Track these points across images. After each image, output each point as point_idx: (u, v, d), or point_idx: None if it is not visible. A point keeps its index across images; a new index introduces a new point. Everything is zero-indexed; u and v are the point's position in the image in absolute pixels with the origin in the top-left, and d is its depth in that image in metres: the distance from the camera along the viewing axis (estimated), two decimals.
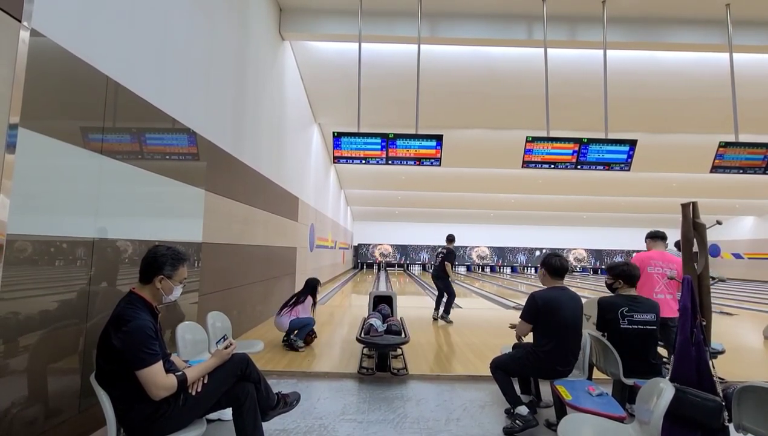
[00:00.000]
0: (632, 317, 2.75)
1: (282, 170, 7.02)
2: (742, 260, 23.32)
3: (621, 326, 2.75)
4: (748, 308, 10.00)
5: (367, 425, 2.80)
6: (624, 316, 2.75)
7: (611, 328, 2.81)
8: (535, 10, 5.94)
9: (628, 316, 2.75)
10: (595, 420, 2.05)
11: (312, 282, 4.94)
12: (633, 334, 2.73)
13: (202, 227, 3.89)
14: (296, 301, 4.69)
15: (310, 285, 4.90)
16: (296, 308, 4.62)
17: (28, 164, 1.94)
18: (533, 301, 2.74)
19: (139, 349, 1.75)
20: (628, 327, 2.74)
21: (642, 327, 2.74)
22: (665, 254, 3.67)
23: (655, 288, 3.51)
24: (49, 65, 2.09)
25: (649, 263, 3.57)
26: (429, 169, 13.06)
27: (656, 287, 3.51)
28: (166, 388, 1.79)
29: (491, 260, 27.61)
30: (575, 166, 5.62)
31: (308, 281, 4.97)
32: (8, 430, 1.86)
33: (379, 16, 6.20)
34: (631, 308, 2.77)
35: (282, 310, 4.67)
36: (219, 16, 4.24)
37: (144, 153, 2.92)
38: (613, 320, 2.77)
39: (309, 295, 4.80)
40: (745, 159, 5.59)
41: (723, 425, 1.96)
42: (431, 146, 5.49)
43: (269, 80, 6.17)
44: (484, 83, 7.97)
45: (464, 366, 4.14)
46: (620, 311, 2.77)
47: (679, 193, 15.10)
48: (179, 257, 2.04)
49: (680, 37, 6.29)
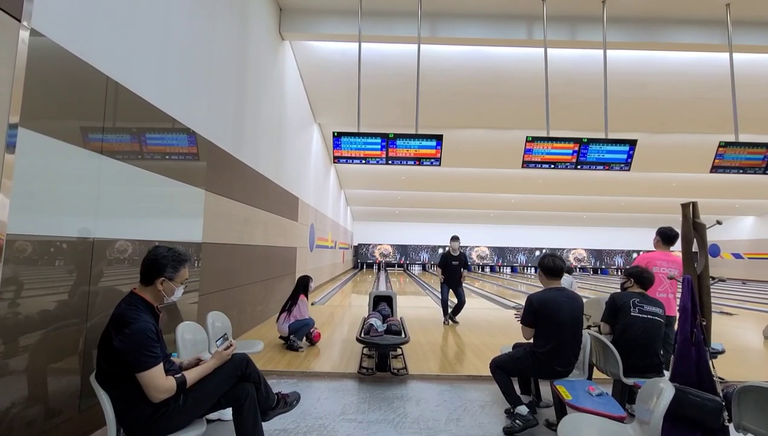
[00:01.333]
0: (642, 307, 2.88)
1: (282, 170, 7.02)
2: (742, 259, 23.32)
3: (631, 313, 2.86)
4: (748, 308, 10.00)
5: (367, 425, 2.80)
6: (635, 305, 2.89)
7: (622, 316, 2.89)
8: (535, 10, 5.94)
9: (639, 305, 2.88)
10: (595, 420, 2.05)
11: (303, 280, 4.93)
12: (642, 323, 2.82)
13: (202, 226, 3.89)
14: (290, 305, 4.69)
15: (301, 283, 4.89)
16: (293, 313, 4.62)
17: (28, 164, 1.93)
18: (529, 303, 2.77)
19: (140, 351, 1.74)
20: (638, 315, 2.85)
21: (651, 317, 2.84)
22: (669, 254, 3.68)
23: (659, 288, 3.53)
24: (49, 65, 2.09)
25: (654, 263, 3.59)
26: (429, 169, 13.10)
27: (659, 287, 3.52)
28: (165, 391, 1.79)
29: (491, 260, 27.61)
30: (575, 166, 5.62)
31: (299, 279, 4.96)
32: (8, 430, 1.86)
33: (379, 16, 6.20)
34: (641, 301, 2.92)
35: (280, 316, 4.68)
36: (219, 16, 4.24)
37: (144, 153, 2.92)
38: (625, 307, 2.89)
39: (302, 294, 4.80)
40: (745, 159, 5.59)
41: (723, 425, 1.96)
42: (431, 146, 5.49)
43: (269, 80, 6.16)
44: (484, 83, 7.97)
45: (464, 366, 4.14)
46: (632, 300, 2.91)
47: (679, 193, 15.12)
48: (181, 259, 2.04)
49: (680, 37, 6.29)
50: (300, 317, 4.63)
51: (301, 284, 4.89)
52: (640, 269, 3.11)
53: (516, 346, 3.14)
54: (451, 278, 6.45)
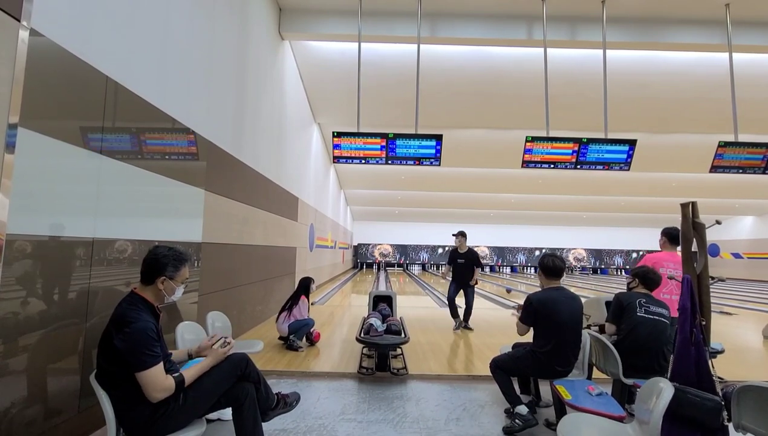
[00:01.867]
0: (649, 307, 2.86)
1: (282, 170, 7.02)
2: (742, 259, 23.33)
3: (637, 314, 2.84)
4: (748, 307, 10.01)
5: (367, 424, 2.80)
6: (641, 305, 2.87)
7: (628, 316, 2.88)
8: (535, 10, 5.95)
9: (645, 306, 2.87)
10: (595, 420, 2.05)
11: (305, 282, 4.93)
12: (648, 324, 2.80)
13: (202, 226, 3.89)
14: (291, 305, 4.69)
15: (303, 285, 4.90)
16: (293, 312, 4.62)
17: (27, 164, 1.93)
18: (529, 303, 2.77)
19: (140, 351, 1.75)
20: (645, 316, 2.83)
21: (657, 318, 2.83)
22: (675, 255, 3.68)
23: (663, 289, 3.53)
24: (49, 65, 2.09)
25: (662, 264, 3.60)
26: (429, 169, 13.09)
27: (664, 288, 3.53)
28: (164, 390, 1.79)
29: (491, 260, 27.61)
30: (575, 166, 5.62)
31: (301, 280, 4.96)
32: (8, 430, 1.86)
33: (378, 16, 6.20)
34: (648, 301, 2.90)
35: (280, 316, 4.68)
36: (219, 16, 4.24)
37: (144, 153, 2.92)
38: (630, 308, 2.88)
39: (303, 295, 4.80)
40: (745, 159, 5.60)
41: (722, 425, 1.96)
42: (431, 146, 5.49)
43: (269, 80, 6.16)
44: (484, 83, 7.97)
45: (464, 366, 4.14)
46: (638, 300, 2.89)
47: (679, 193, 15.11)
48: (181, 258, 2.04)
49: (680, 37, 6.30)
50: (300, 317, 4.63)
51: (303, 285, 4.89)
52: (647, 269, 3.09)
53: (516, 346, 3.14)
54: (459, 277, 5.99)
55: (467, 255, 5.96)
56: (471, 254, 5.99)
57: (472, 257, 5.96)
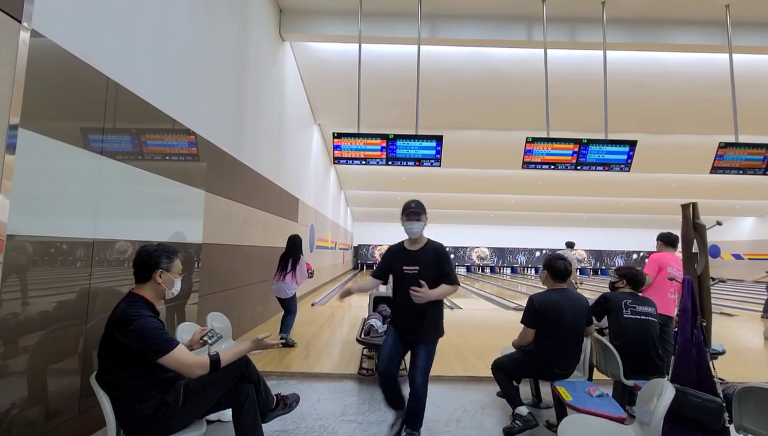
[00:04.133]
0: (635, 308, 2.87)
1: (282, 171, 7.02)
2: (742, 260, 23.30)
3: (624, 316, 2.85)
4: (748, 308, 9.99)
5: (367, 426, 2.79)
6: (627, 306, 2.87)
7: (614, 319, 2.89)
8: (534, 10, 5.95)
9: (631, 307, 2.87)
10: (596, 421, 2.04)
11: (296, 239, 4.93)
12: (635, 325, 2.81)
13: (202, 227, 3.89)
14: (293, 264, 4.73)
15: (296, 244, 4.89)
16: (295, 275, 4.70)
17: (28, 165, 1.93)
18: (531, 304, 2.75)
19: (153, 341, 1.75)
20: (631, 317, 2.84)
21: (644, 318, 2.83)
22: (676, 256, 3.69)
23: (670, 289, 3.53)
24: (49, 66, 2.09)
25: (669, 263, 3.60)
26: (429, 170, 13.07)
27: (669, 288, 3.53)
28: (198, 365, 1.80)
29: (491, 261, 27.59)
30: (575, 166, 5.62)
31: (293, 239, 4.93)
32: (8, 431, 1.85)
33: (379, 17, 6.20)
34: (633, 302, 2.90)
35: (284, 277, 4.70)
36: (219, 17, 4.24)
37: (144, 154, 2.92)
38: (617, 310, 2.88)
39: (301, 253, 4.86)
40: (745, 160, 5.59)
41: (724, 426, 1.95)
42: (431, 147, 5.49)
43: (269, 81, 6.17)
44: (484, 84, 7.97)
45: (464, 367, 4.13)
46: (624, 302, 2.89)
47: (679, 194, 15.09)
48: (172, 250, 2.04)
49: (680, 38, 6.30)
50: (302, 278, 4.74)
51: (296, 243, 4.90)
52: (634, 270, 3.11)
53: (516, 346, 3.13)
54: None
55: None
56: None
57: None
